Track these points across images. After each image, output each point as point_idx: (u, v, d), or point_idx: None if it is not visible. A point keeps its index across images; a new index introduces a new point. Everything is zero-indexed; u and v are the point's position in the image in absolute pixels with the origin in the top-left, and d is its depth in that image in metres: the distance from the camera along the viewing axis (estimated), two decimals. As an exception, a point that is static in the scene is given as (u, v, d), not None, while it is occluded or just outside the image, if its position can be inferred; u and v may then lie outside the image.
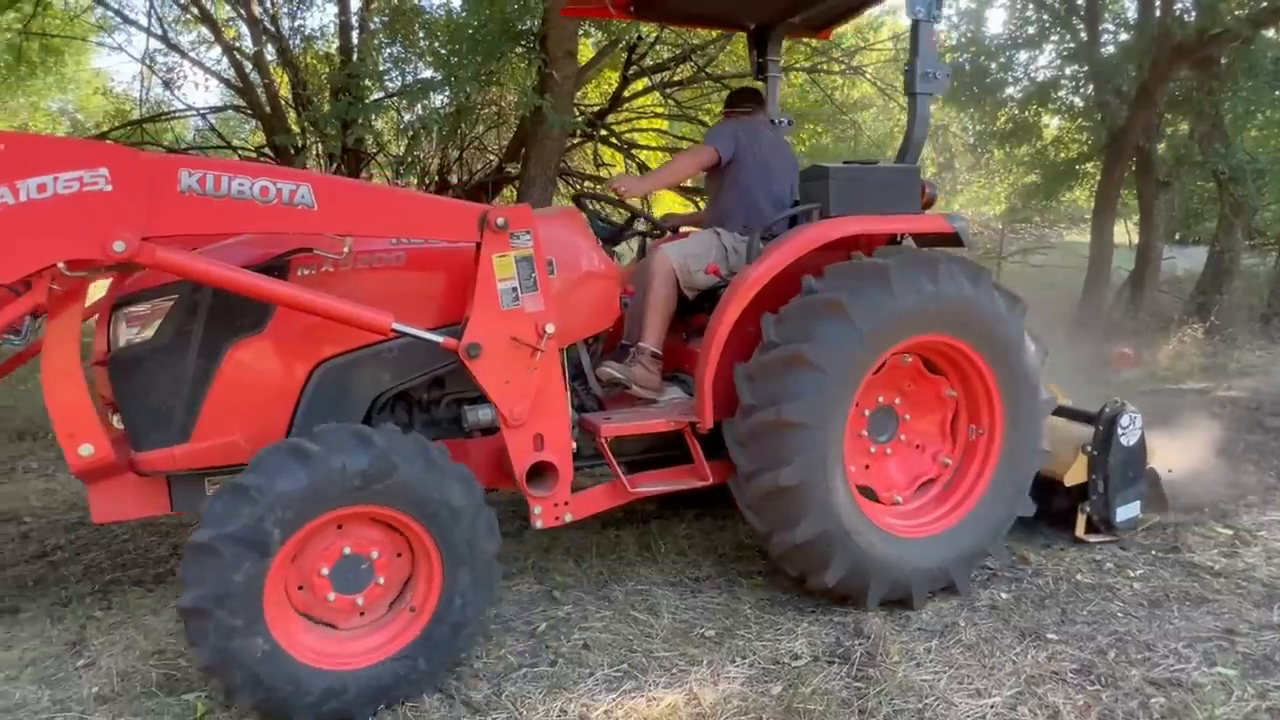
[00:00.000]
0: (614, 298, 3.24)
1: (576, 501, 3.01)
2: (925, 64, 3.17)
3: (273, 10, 8.88)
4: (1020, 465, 3.32)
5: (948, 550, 3.19)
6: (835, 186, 3.15)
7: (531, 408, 2.79)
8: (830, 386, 2.90)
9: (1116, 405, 3.72)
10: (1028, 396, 3.27)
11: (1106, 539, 3.74)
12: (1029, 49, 12.38)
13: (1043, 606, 3.23)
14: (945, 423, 3.37)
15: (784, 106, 11.46)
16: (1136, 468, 3.77)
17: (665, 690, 2.66)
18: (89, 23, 10.39)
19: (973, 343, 3.14)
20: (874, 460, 3.29)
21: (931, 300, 3.01)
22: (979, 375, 3.23)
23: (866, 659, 2.83)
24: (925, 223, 3.32)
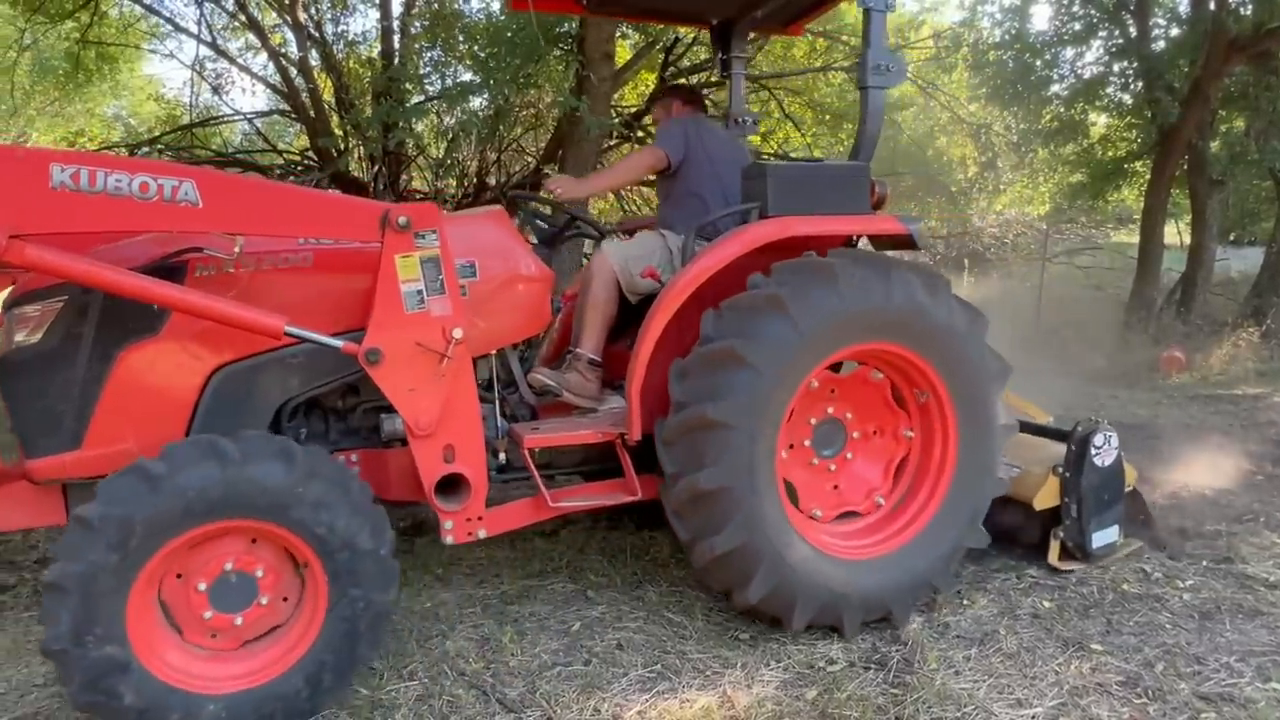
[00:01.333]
0: (544, 301, 3.11)
1: (492, 517, 2.88)
2: (877, 55, 3.01)
3: (317, 16, 9.06)
4: (974, 491, 3.10)
5: (889, 577, 2.98)
6: (774, 185, 2.98)
7: (441, 417, 2.65)
8: (763, 387, 2.72)
9: (1090, 423, 3.48)
10: (984, 417, 3.06)
11: (1079, 566, 3.49)
12: (1075, 45, 12.09)
13: (1087, 616, 3.15)
14: (892, 464, 3.16)
15: (822, 107, 11.39)
16: (1113, 490, 3.50)
17: (699, 692, 2.66)
18: (142, 31, 10.71)
19: (925, 355, 2.95)
20: (808, 469, 3.10)
21: (881, 305, 2.84)
22: (933, 390, 3.03)
23: (904, 665, 2.79)
24: (874, 224, 3.13)
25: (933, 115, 13.32)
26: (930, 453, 3.12)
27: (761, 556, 2.78)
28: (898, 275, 2.88)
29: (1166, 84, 10.34)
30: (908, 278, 2.90)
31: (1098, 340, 9.71)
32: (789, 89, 10.42)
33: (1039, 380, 8.29)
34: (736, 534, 2.76)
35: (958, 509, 3.08)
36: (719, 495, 2.73)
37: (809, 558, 2.87)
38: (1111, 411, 6.89)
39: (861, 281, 2.82)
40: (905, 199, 12.03)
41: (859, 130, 3.19)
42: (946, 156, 13.38)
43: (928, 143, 12.71)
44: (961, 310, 3.02)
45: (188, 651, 2.39)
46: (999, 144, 12.27)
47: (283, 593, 2.46)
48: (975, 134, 11.51)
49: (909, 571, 3.02)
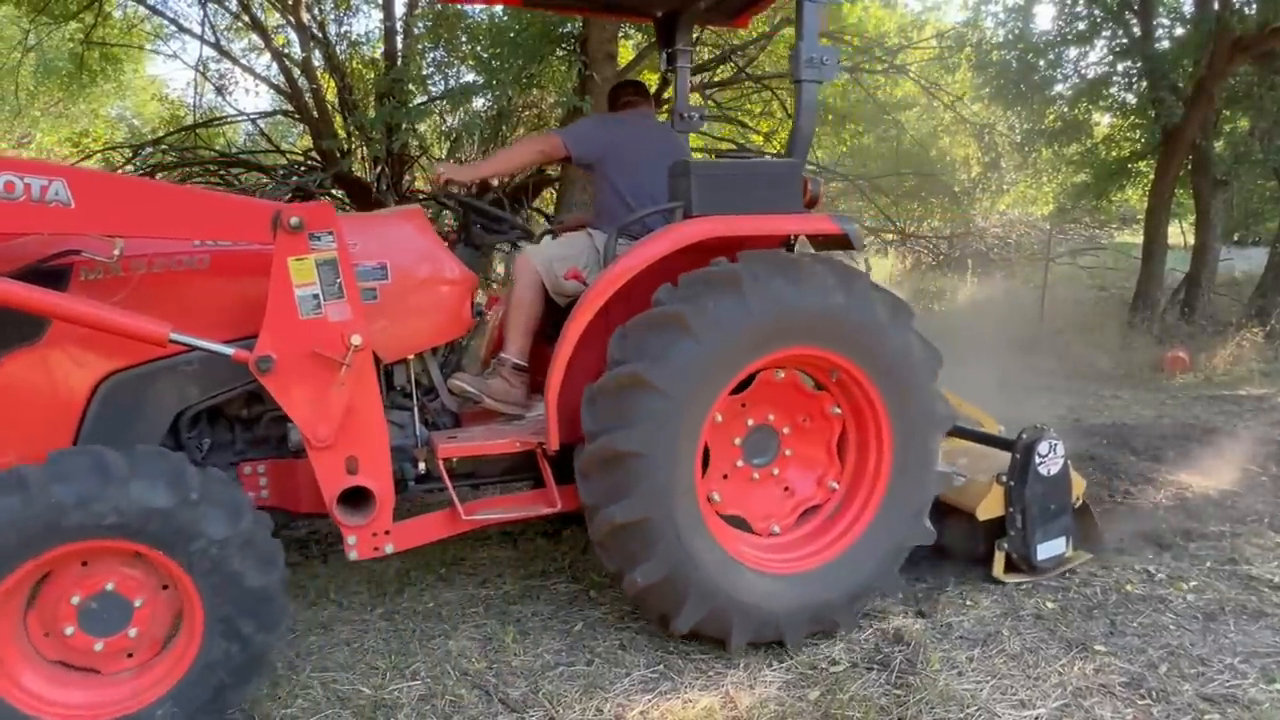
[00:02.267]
0: (463, 304, 3.00)
1: (401, 531, 2.76)
2: (810, 49, 2.89)
3: (320, 17, 9.08)
4: (914, 489, 2.99)
5: (828, 587, 2.89)
6: (698, 184, 2.85)
7: (342, 427, 2.53)
8: (673, 411, 2.60)
9: (1035, 431, 3.38)
10: (918, 412, 2.94)
11: (1027, 580, 3.38)
12: (1079, 45, 12.06)
13: (1090, 617, 3.14)
14: (832, 444, 3.05)
15: (826, 107, 11.40)
16: (1059, 500, 3.40)
17: (701, 692, 2.65)
18: (145, 31, 10.75)
19: (849, 355, 2.82)
20: (751, 486, 2.99)
21: (793, 310, 2.71)
22: (861, 391, 2.91)
23: (906, 666, 2.79)
24: (806, 223, 3.00)
25: (936, 115, 13.29)
26: (865, 452, 3.00)
27: (690, 583, 2.69)
28: (809, 276, 2.74)
29: (1170, 84, 10.32)
30: (821, 278, 2.76)
31: (1101, 341, 9.69)
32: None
33: (1042, 380, 8.29)
34: (661, 563, 2.66)
35: (898, 510, 2.98)
36: (639, 527, 2.63)
37: (744, 580, 2.78)
38: (1115, 412, 6.88)
39: (769, 288, 2.67)
40: (908, 199, 12.01)
41: (793, 126, 3.05)
42: (950, 157, 13.37)
43: (931, 143, 12.68)
44: (883, 303, 2.87)
45: (46, 673, 2.24)
46: (1002, 144, 12.25)
47: (156, 622, 2.31)
48: (978, 134, 11.49)
49: (851, 579, 2.92)
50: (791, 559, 2.95)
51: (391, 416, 2.97)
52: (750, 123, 10.84)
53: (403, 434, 2.99)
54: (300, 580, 3.45)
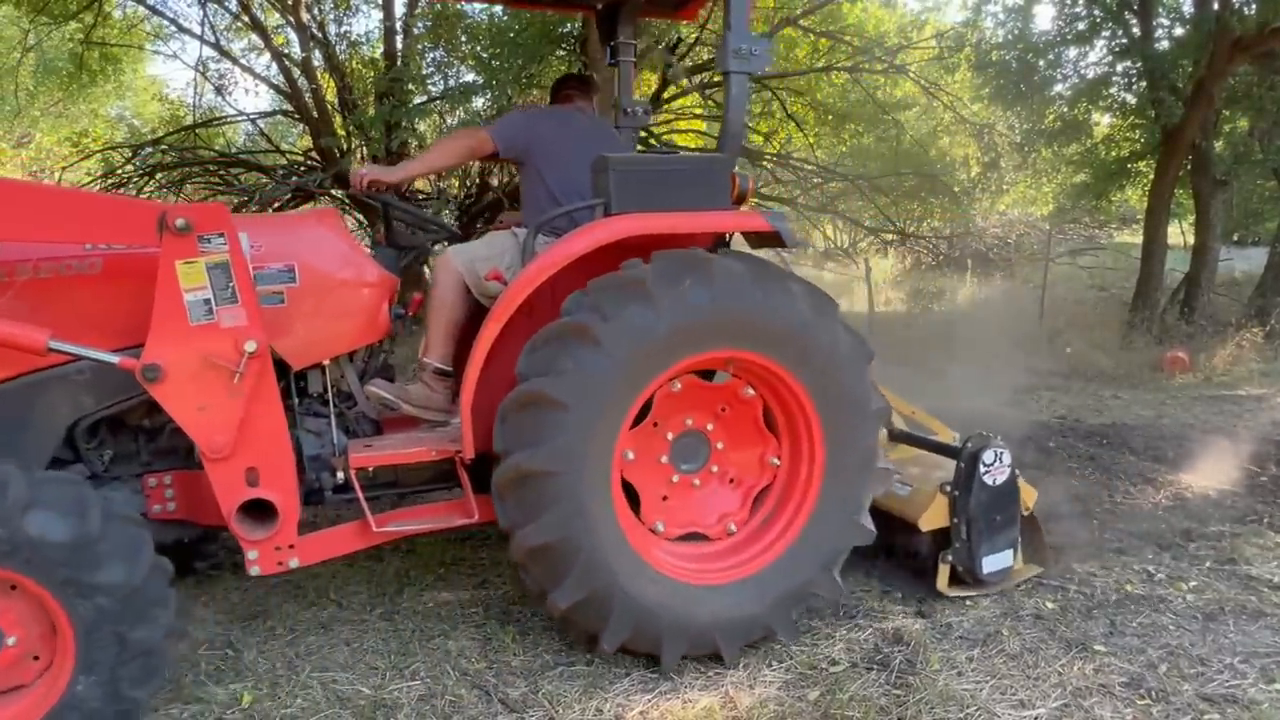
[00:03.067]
0: (379, 307, 2.92)
1: (307, 544, 2.67)
2: (738, 39, 2.76)
3: (320, 17, 9.08)
4: (851, 487, 2.88)
5: (761, 595, 2.79)
6: (618, 180, 2.73)
7: (240, 437, 2.45)
8: (581, 427, 2.50)
9: (981, 439, 3.26)
10: (849, 408, 2.83)
11: (973, 593, 3.28)
12: (1079, 45, 12.06)
13: (1090, 617, 3.15)
14: (759, 422, 2.94)
15: (825, 107, 11.38)
16: (1006, 511, 3.28)
17: (701, 693, 2.65)
18: (145, 31, 10.74)
19: (771, 355, 2.71)
20: (680, 492, 2.89)
21: (706, 312, 2.58)
22: (789, 390, 2.80)
23: (906, 666, 2.79)
24: (734, 220, 2.88)
25: (935, 115, 13.29)
26: (798, 451, 2.90)
27: (612, 601, 2.60)
28: (723, 276, 2.61)
29: (1170, 84, 10.32)
30: (735, 276, 2.63)
31: (1101, 341, 9.69)
32: (791, 89, 10.42)
33: (1042, 381, 8.29)
34: (581, 583, 2.57)
35: (835, 509, 2.87)
36: (555, 548, 2.55)
37: (669, 591, 2.69)
38: (1115, 412, 6.88)
39: (679, 291, 2.55)
40: (908, 199, 12.00)
41: (723, 119, 2.94)
42: (949, 157, 13.37)
43: (930, 143, 12.68)
44: (806, 298, 2.75)
45: None
46: (1002, 144, 12.25)
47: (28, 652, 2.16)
48: (978, 134, 11.50)
49: (785, 584, 2.82)
50: (722, 568, 2.84)
51: (307, 424, 2.91)
52: (750, 123, 10.83)
53: (319, 442, 2.90)
54: (299, 580, 3.45)
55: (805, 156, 10.92)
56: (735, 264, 2.66)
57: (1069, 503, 4.44)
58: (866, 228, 12.49)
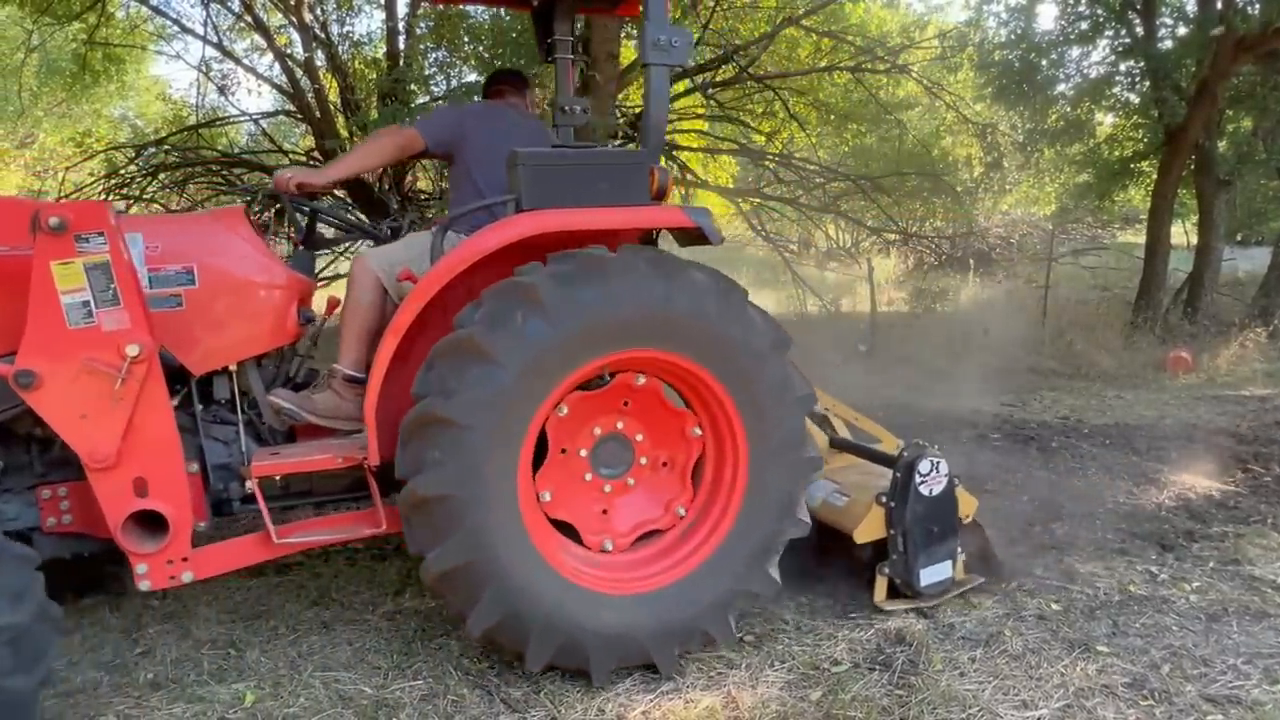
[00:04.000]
0: (286, 310, 2.83)
1: (202, 557, 2.56)
2: (657, 30, 2.68)
3: (322, 17, 9.08)
4: (779, 477, 2.77)
5: (691, 599, 2.70)
6: (528, 176, 2.64)
7: (126, 446, 2.35)
8: (478, 447, 2.39)
9: (917, 448, 3.21)
10: (768, 396, 2.72)
11: (912, 606, 3.20)
12: (1081, 45, 12.05)
13: (1093, 618, 3.14)
14: (686, 469, 2.86)
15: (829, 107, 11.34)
16: (944, 522, 3.21)
17: (703, 693, 2.65)
18: (148, 32, 10.76)
19: (680, 351, 2.60)
20: (617, 499, 2.82)
21: (604, 315, 2.49)
22: (705, 386, 2.70)
23: (909, 667, 2.78)
24: (650, 216, 2.78)
25: (938, 115, 13.28)
26: (722, 450, 2.81)
27: (529, 620, 2.52)
28: (621, 274, 2.51)
29: (1173, 83, 10.30)
30: (635, 274, 2.52)
31: (1104, 341, 9.68)
32: (794, 89, 10.41)
33: (1045, 381, 8.27)
34: (495, 607, 2.49)
35: (761, 506, 2.76)
36: (463, 572, 2.47)
37: (590, 605, 2.59)
38: (1118, 412, 6.87)
39: (573, 295, 2.45)
40: (910, 199, 12.00)
41: (643, 113, 2.82)
42: (952, 157, 13.36)
43: (933, 143, 12.66)
44: (712, 289, 2.63)
45: None
46: (1005, 144, 12.24)
47: None
48: (981, 134, 11.49)
49: (713, 588, 2.72)
50: (649, 575, 2.74)
51: (213, 432, 2.84)
52: (750, 121, 10.83)
53: (227, 451, 2.83)
54: (302, 580, 3.45)
55: (808, 156, 10.91)
56: (634, 259, 2.55)
57: (1072, 503, 4.44)
58: (869, 228, 12.48)
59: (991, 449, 5.59)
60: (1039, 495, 4.59)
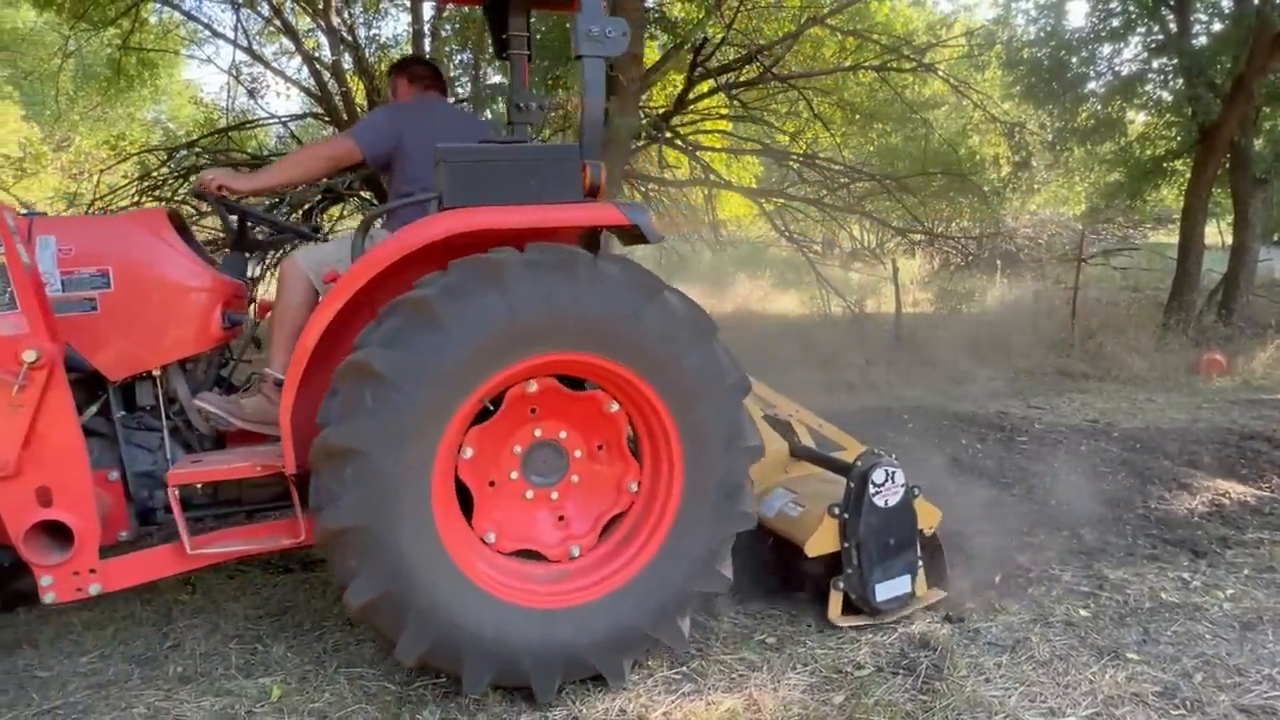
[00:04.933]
0: (208, 313, 2.76)
1: (111, 569, 2.50)
2: (590, 21, 2.58)
3: (350, 21, 9.20)
4: (717, 474, 2.64)
5: (588, 629, 2.57)
6: (450, 173, 2.54)
7: (27, 454, 2.29)
8: (386, 473, 2.31)
9: (871, 457, 3.06)
10: (698, 389, 2.58)
11: (868, 622, 3.05)
12: (1113, 41, 11.86)
13: (1123, 624, 3.09)
14: (622, 445, 2.74)
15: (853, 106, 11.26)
16: (901, 535, 3.07)
17: (725, 694, 2.64)
18: (180, 36, 10.96)
19: (595, 351, 2.48)
20: (538, 509, 2.70)
21: (504, 322, 2.37)
22: (630, 385, 2.58)
23: (933, 671, 2.76)
24: (581, 213, 2.63)
25: (965, 114, 13.14)
26: (657, 450, 2.69)
27: (462, 647, 2.45)
28: (519, 279, 2.38)
29: (1208, 80, 10.11)
30: (539, 276, 2.41)
31: (1135, 343, 9.51)
32: (818, 88, 10.36)
33: (1074, 383, 8.15)
34: (421, 635, 2.42)
35: (703, 504, 2.64)
36: (382, 603, 2.39)
37: (478, 607, 2.47)
38: (1149, 415, 6.75)
39: (465, 307, 2.34)
40: (936, 199, 11.88)
41: (580, 108, 2.72)
42: (979, 156, 13.20)
43: (959, 142, 12.53)
44: (619, 282, 2.48)
45: None
46: (1033, 143, 12.07)
47: None
48: (1009, 133, 11.35)
49: (614, 622, 2.59)
50: (551, 593, 2.60)
51: (136, 439, 2.80)
52: (775, 122, 10.78)
53: (151, 458, 2.78)
54: (326, 577, 3.49)
55: (832, 156, 10.84)
56: (537, 259, 2.42)
57: (1101, 507, 4.37)
58: (894, 228, 12.38)
59: (1018, 452, 5.52)
60: (1067, 499, 4.51)
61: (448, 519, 2.50)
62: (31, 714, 2.55)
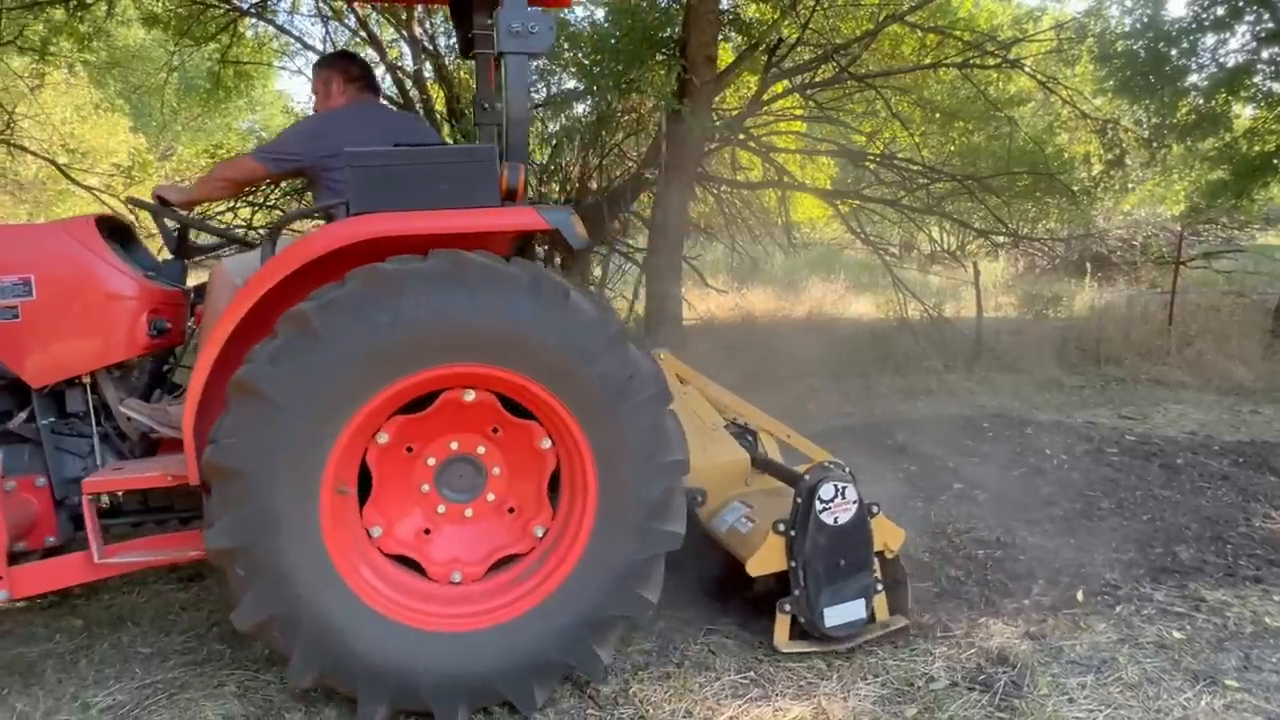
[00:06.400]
0: (134, 321, 2.75)
1: (21, 575, 2.51)
2: (512, 16, 2.50)
3: (431, 30, 9.48)
4: (635, 489, 2.50)
5: (494, 655, 2.47)
6: (357, 178, 2.47)
7: None
8: (268, 494, 2.28)
9: (820, 471, 2.88)
10: (610, 399, 2.44)
11: (817, 649, 2.87)
12: (1217, 31, 11.19)
13: (1221, 649, 2.91)
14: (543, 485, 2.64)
15: (933, 105, 10.95)
16: (854, 555, 2.87)
17: (792, 702, 2.61)
18: (274, 50, 11.51)
19: (494, 363, 2.38)
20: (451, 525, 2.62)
21: (391, 335, 2.29)
22: (537, 398, 2.47)
23: (1011, 689, 2.66)
24: (495, 218, 2.53)
25: (1053, 111, 12.61)
26: (571, 466, 2.57)
27: (358, 676, 2.40)
28: (409, 290, 2.29)
29: (1324, 70, 9.42)
30: (427, 286, 2.31)
31: (1239, 351, 8.93)
32: (896, 87, 10.12)
33: (1170, 393, 7.72)
34: (311, 660, 2.38)
35: (621, 519, 2.50)
36: (273, 625, 2.37)
37: (375, 631, 2.40)
38: (1254, 428, 6.33)
39: (349, 321, 2.27)
40: (1021, 199, 11.42)
41: (503, 107, 2.64)
42: (1068, 154, 12.64)
43: (1047, 140, 12.02)
44: (519, 289, 2.37)
45: None
46: (1127, 140, 11.49)
47: None
48: (1101, 130, 10.82)
49: (524, 649, 2.48)
50: (452, 616, 2.51)
51: (64, 445, 2.82)
52: (851, 122, 10.59)
53: (80, 464, 2.80)
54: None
55: (910, 156, 10.56)
56: (432, 268, 2.34)
57: (1199, 524, 4.13)
58: (976, 229, 11.97)
59: (1107, 464, 5.26)
60: (1161, 515, 4.28)
61: (340, 540, 2.44)
62: (135, 686, 2.73)
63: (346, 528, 2.48)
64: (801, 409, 6.97)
